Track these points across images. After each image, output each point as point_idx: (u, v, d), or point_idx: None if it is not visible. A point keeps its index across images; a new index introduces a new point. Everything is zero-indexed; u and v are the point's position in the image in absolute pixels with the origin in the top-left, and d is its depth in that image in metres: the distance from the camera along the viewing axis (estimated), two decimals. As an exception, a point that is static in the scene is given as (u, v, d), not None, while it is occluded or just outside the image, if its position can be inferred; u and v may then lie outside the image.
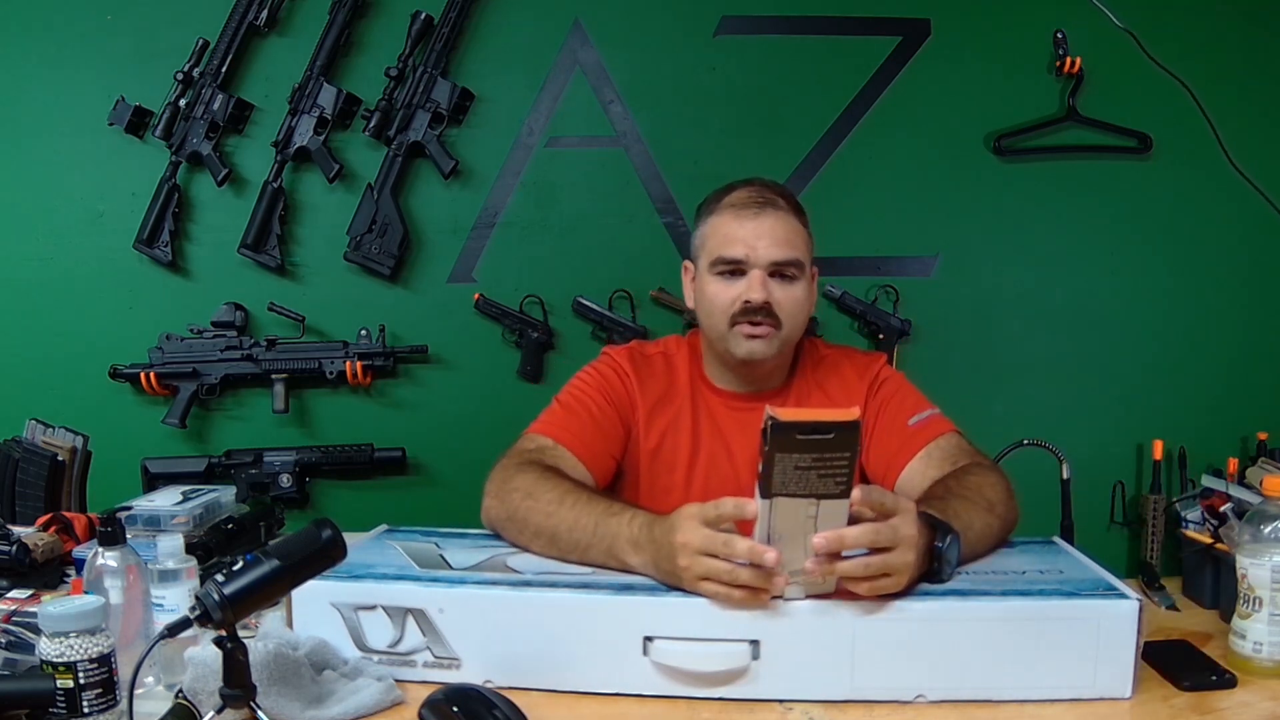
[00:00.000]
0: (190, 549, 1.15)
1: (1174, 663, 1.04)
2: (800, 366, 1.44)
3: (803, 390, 1.42)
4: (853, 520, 0.96)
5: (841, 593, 0.99)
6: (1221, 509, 1.36)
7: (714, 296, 1.33)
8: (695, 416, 1.40)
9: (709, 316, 1.35)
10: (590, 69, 2.17)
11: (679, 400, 1.41)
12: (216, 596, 0.82)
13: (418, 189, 2.19)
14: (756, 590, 0.96)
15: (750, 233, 1.30)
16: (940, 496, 1.15)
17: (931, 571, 1.02)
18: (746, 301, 1.29)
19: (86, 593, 1.02)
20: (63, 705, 0.87)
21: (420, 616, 1.01)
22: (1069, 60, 2.13)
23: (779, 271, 1.31)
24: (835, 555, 0.95)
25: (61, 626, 0.88)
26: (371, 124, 2.11)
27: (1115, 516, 2.24)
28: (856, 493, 0.94)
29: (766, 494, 0.94)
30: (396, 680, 1.00)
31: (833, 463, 0.92)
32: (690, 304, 1.43)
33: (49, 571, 1.33)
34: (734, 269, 1.31)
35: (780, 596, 0.98)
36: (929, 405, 1.38)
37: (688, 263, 1.44)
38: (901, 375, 1.45)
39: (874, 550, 0.96)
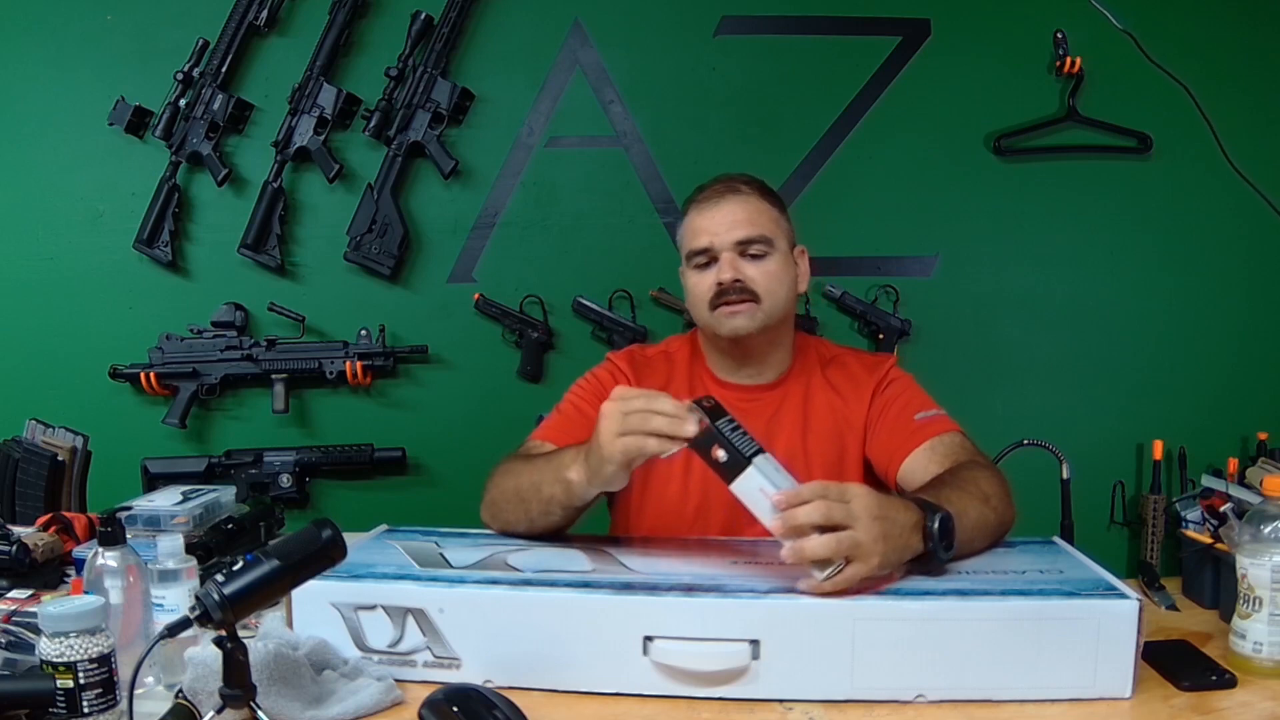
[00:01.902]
0: (190, 549, 1.15)
1: (1174, 663, 1.04)
2: (805, 361, 1.45)
3: (810, 386, 1.43)
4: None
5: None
6: (1221, 509, 1.36)
7: (694, 288, 1.39)
8: None
9: (695, 308, 1.41)
10: (590, 69, 2.17)
11: (676, 391, 1.43)
12: (216, 596, 0.82)
13: (418, 189, 2.19)
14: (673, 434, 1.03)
15: (712, 220, 1.36)
16: (934, 486, 1.16)
17: (927, 553, 1.03)
18: (719, 283, 1.34)
19: (86, 593, 1.02)
20: (63, 705, 0.87)
21: (420, 616, 1.01)
22: (1069, 60, 2.13)
23: (746, 250, 1.35)
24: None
25: (61, 626, 0.88)
26: (371, 124, 2.11)
27: (1115, 516, 2.24)
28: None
29: (744, 463, 1.00)
30: (396, 680, 1.00)
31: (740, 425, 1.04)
32: (687, 303, 1.46)
33: (49, 571, 1.32)
34: (705, 257, 1.37)
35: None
36: (936, 406, 1.40)
37: (682, 267, 1.47)
38: (910, 377, 1.46)
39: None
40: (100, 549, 1.05)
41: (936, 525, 1.03)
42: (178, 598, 1.06)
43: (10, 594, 1.26)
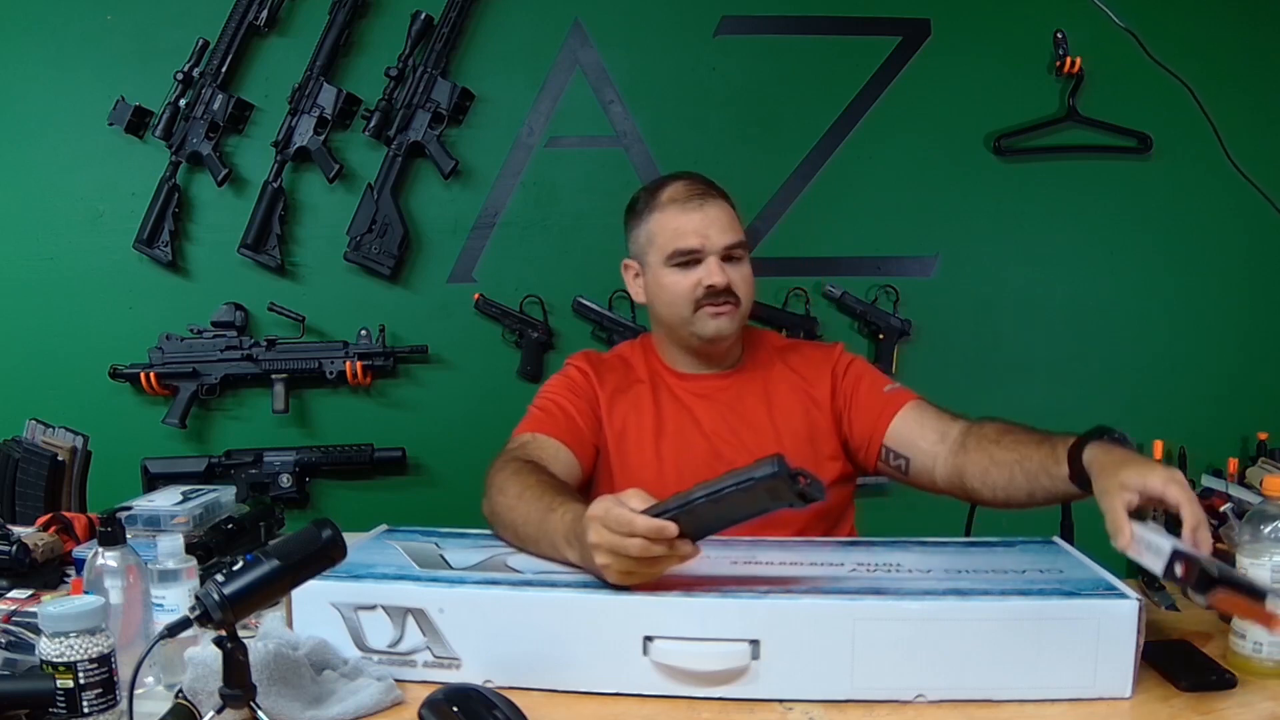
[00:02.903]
0: (190, 549, 1.15)
1: (1174, 663, 1.04)
2: (759, 349, 1.52)
3: (770, 370, 1.49)
4: None
5: None
6: (1221, 509, 1.36)
7: (673, 286, 1.41)
8: (656, 398, 1.47)
9: (670, 306, 1.43)
10: (590, 69, 2.17)
11: (637, 387, 1.48)
12: (216, 596, 0.82)
13: (418, 189, 2.19)
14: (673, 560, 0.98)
15: (699, 223, 1.39)
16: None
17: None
18: (710, 286, 1.38)
19: (86, 593, 1.02)
20: (63, 705, 0.87)
21: (420, 616, 1.01)
22: (1069, 60, 2.13)
23: (729, 254, 1.40)
24: None
25: (61, 626, 0.88)
26: (371, 124, 2.11)
27: (1115, 516, 2.24)
28: None
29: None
30: (396, 680, 1.00)
31: None
32: (639, 299, 1.49)
33: (49, 571, 1.32)
34: (690, 258, 1.40)
35: None
36: (891, 379, 1.49)
37: (628, 261, 1.50)
38: (863, 358, 1.54)
39: None
40: (100, 549, 1.05)
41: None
42: (178, 598, 1.06)
43: (10, 594, 1.26)
